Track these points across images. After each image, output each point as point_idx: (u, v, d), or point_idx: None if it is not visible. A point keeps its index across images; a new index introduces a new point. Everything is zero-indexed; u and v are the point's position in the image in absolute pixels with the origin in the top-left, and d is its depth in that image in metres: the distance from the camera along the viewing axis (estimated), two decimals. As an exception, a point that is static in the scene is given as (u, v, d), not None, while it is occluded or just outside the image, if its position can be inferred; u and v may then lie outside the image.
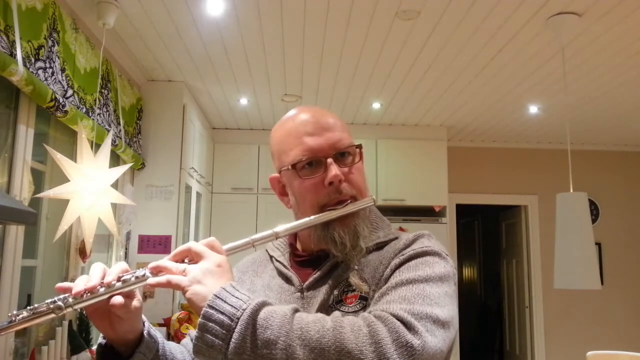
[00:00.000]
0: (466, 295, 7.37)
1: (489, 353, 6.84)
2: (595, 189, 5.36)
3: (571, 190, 2.85)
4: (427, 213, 4.92)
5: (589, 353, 2.93)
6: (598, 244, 5.36)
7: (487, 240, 7.25)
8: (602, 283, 4.02)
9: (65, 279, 2.60)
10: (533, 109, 4.35)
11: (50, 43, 2.28)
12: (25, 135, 2.19)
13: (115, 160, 3.09)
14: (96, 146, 2.55)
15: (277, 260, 1.04)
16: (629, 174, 5.61)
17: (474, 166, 5.54)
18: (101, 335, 0.89)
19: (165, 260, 0.82)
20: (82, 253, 2.65)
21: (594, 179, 5.43)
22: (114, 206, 2.89)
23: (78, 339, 2.53)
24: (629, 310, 5.38)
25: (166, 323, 3.38)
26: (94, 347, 2.61)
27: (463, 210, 5.79)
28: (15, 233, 2.12)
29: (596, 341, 4.86)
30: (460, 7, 2.68)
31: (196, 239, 3.89)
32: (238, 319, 0.72)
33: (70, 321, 2.54)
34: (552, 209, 3.20)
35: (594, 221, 5.35)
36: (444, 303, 0.83)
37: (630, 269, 5.45)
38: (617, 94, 3.92)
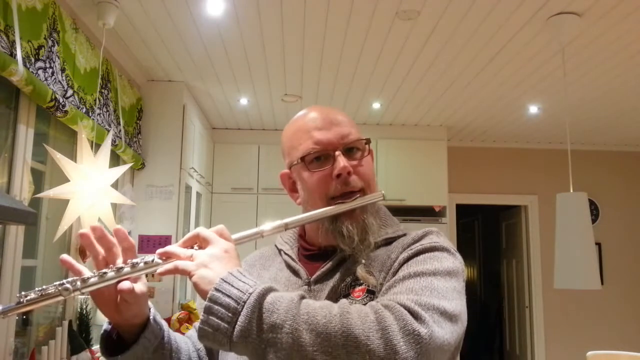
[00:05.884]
0: (466, 295, 7.36)
1: (489, 353, 6.84)
2: (595, 189, 5.36)
3: (571, 190, 2.85)
4: (427, 213, 4.92)
5: (589, 353, 2.93)
6: (598, 244, 5.36)
7: (487, 240, 7.25)
8: (602, 283, 4.01)
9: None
10: (533, 109, 4.35)
11: (50, 43, 2.28)
12: (25, 135, 2.19)
13: (115, 160, 3.08)
14: (96, 146, 2.55)
15: (286, 254, 1.04)
16: (629, 174, 5.61)
17: (474, 166, 5.53)
18: (106, 321, 0.89)
19: (173, 246, 0.82)
20: (82, 253, 2.65)
21: (594, 179, 5.43)
22: (114, 206, 2.89)
23: (78, 339, 2.53)
24: (629, 310, 5.38)
25: (166, 323, 3.38)
26: (94, 347, 2.62)
27: (463, 210, 5.79)
28: (15, 233, 2.12)
29: (596, 341, 4.86)
30: (460, 7, 2.68)
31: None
32: (244, 302, 0.72)
33: (70, 321, 2.54)
34: (552, 209, 3.20)
35: (594, 221, 5.35)
36: (451, 297, 0.83)
37: (630, 269, 5.44)
38: (617, 94, 3.92)
